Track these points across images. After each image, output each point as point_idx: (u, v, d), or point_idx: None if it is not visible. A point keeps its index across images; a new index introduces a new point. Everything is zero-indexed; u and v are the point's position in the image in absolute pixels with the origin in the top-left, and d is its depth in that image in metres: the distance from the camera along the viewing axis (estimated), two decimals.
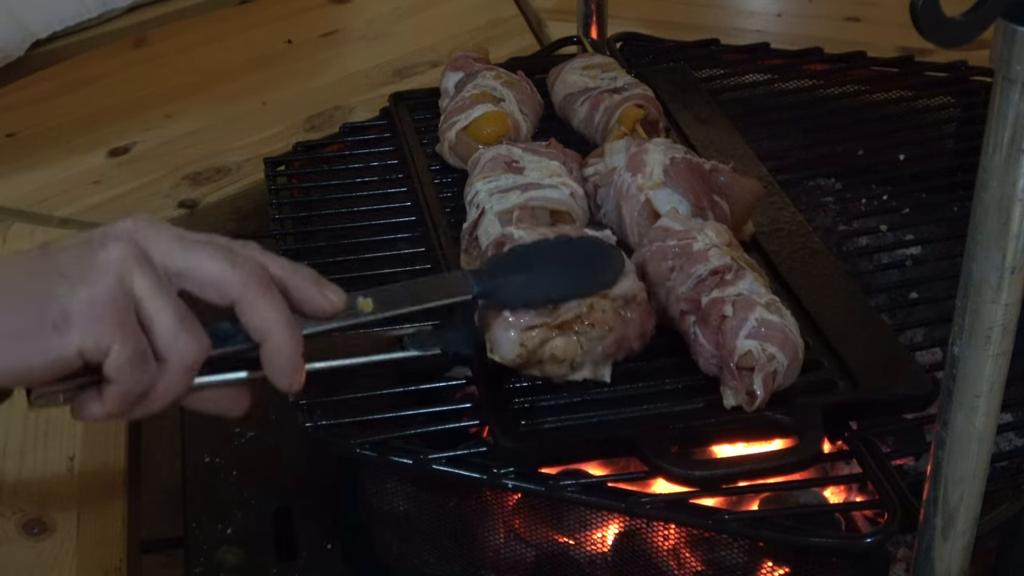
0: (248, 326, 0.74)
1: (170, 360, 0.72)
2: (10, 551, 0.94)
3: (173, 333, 0.71)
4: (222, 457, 1.10)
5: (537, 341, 0.85)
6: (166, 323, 0.71)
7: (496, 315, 0.85)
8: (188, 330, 0.72)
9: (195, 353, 0.72)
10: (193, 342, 0.72)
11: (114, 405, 0.72)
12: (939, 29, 0.59)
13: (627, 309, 0.87)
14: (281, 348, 0.74)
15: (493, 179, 1.01)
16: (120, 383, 0.71)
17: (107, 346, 0.69)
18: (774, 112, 1.31)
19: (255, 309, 0.74)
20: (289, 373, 0.75)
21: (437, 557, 0.95)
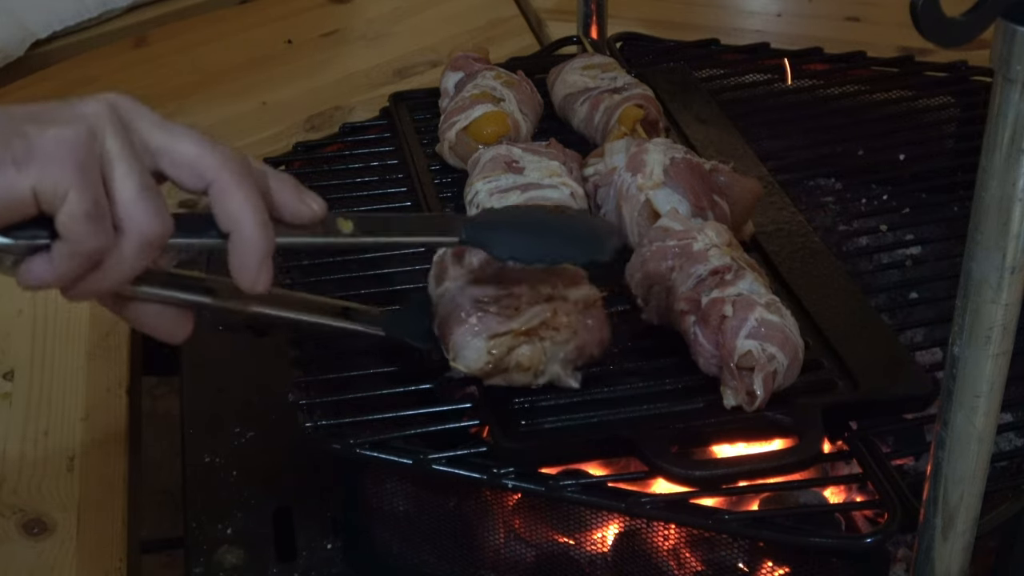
0: (219, 214, 0.70)
1: (129, 231, 0.68)
2: (10, 551, 0.94)
3: (135, 200, 0.67)
4: (222, 457, 1.10)
5: (504, 349, 0.83)
6: (130, 188, 0.67)
7: (459, 321, 0.84)
8: (152, 201, 0.68)
9: (156, 228, 0.68)
10: (156, 216, 0.68)
11: (63, 266, 0.68)
12: (939, 29, 0.59)
13: (586, 315, 0.87)
14: (251, 240, 0.71)
15: (493, 179, 1.01)
16: (72, 239, 0.67)
17: (64, 191, 0.65)
18: (774, 112, 1.31)
19: (229, 195, 0.70)
20: (255, 269, 0.71)
21: (437, 557, 0.95)
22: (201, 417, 1.14)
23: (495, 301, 0.85)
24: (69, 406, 1.08)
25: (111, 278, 0.69)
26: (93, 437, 1.05)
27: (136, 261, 0.69)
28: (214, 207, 0.71)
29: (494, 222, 0.84)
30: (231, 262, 0.72)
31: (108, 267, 0.69)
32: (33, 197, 0.66)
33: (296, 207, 0.74)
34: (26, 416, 1.07)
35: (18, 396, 1.09)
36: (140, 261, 0.69)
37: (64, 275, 0.68)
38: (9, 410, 1.08)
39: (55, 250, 0.67)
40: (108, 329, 1.17)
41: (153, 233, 0.68)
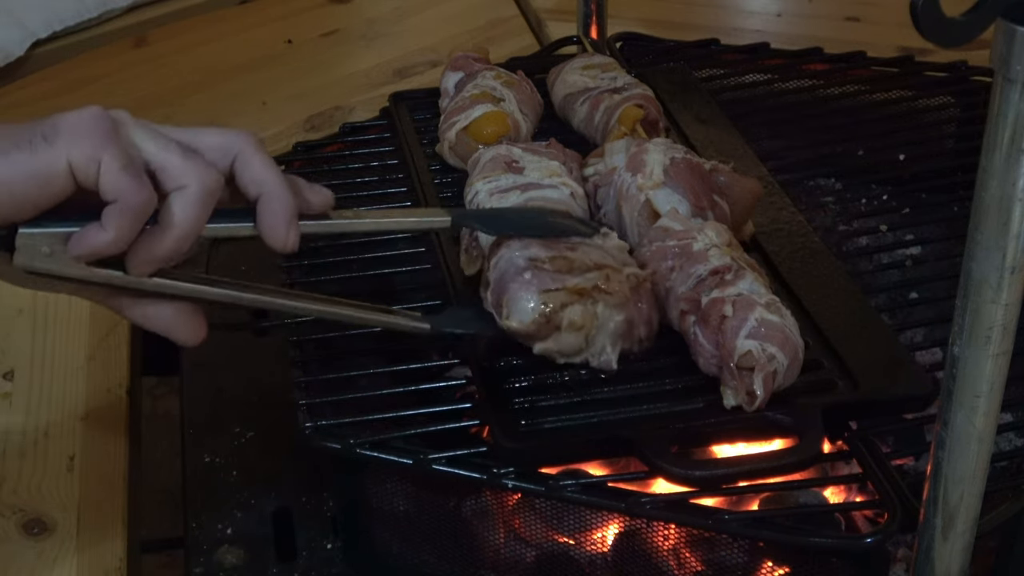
0: (247, 181, 0.75)
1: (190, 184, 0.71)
2: (10, 551, 0.94)
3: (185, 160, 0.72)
4: (222, 457, 1.10)
5: (557, 304, 0.84)
6: (176, 153, 0.72)
7: (513, 278, 0.86)
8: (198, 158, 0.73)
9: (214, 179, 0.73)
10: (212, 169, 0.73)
11: (116, 227, 0.70)
12: (939, 29, 0.59)
13: (637, 291, 0.87)
14: (278, 196, 0.75)
15: (493, 179, 1.01)
16: (120, 197, 0.69)
17: (98, 157, 0.68)
18: (774, 112, 1.31)
19: (253, 162, 0.75)
20: (285, 226, 0.76)
21: (437, 557, 0.95)
22: (201, 417, 1.14)
23: (550, 261, 0.86)
24: (69, 406, 1.08)
25: (176, 236, 0.72)
26: (93, 437, 1.05)
27: (198, 213, 0.72)
28: (241, 177, 0.75)
29: (474, 212, 0.95)
30: (262, 225, 0.76)
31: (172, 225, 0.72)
32: (69, 170, 0.68)
33: (309, 194, 0.79)
34: (26, 416, 1.07)
35: (18, 396, 1.09)
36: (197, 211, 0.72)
37: (120, 237, 0.71)
38: (9, 410, 1.08)
39: (106, 215, 0.70)
40: (108, 329, 1.17)
41: (213, 182, 0.73)
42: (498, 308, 0.87)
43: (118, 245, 0.71)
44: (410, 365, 0.96)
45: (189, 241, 0.73)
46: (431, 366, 0.97)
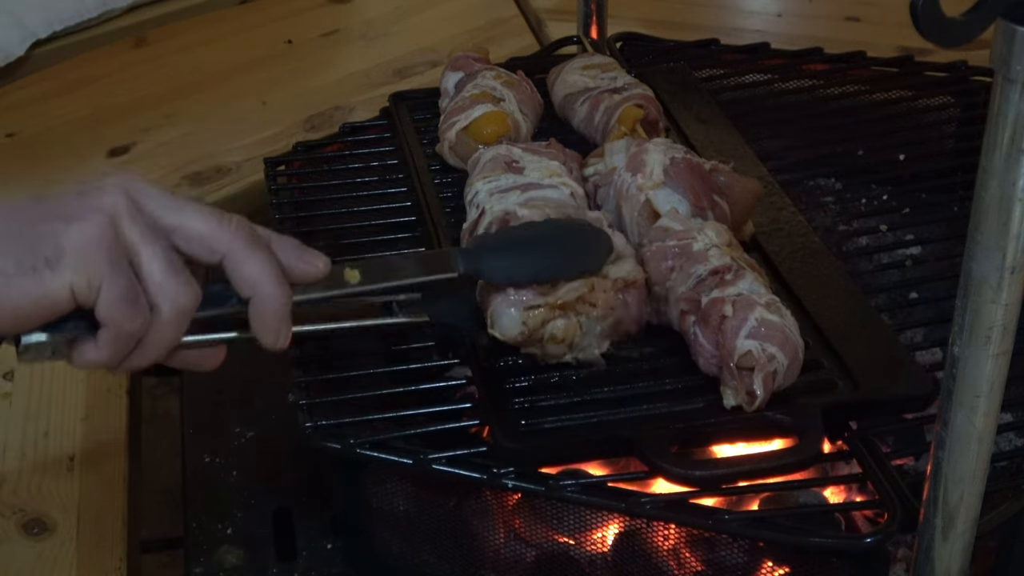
0: (237, 281, 0.75)
1: (163, 305, 0.72)
2: (10, 551, 0.94)
3: (165, 277, 0.72)
4: (222, 457, 1.10)
5: (539, 321, 0.85)
6: (158, 268, 0.72)
7: (498, 292, 0.86)
8: (181, 275, 0.73)
9: (189, 299, 0.73)
10: (186, 287, 0.73)
11: (109, 349, 0.72)
12: (939, 29, 0.59)
13: (626, 292, 0.88)
14: (269, 301, 0.76)
15: (493, 179, 1.01)
16: (113, 324, 0.71)
17: (98, 283, 0.70)
18: (774, 112, 1.31)
19: (244, 263, 0.75)
20: (276, 328, 0.77)
21: (437, 557, 0.95)
22: (201, 417, 1.14)
23: None
24: (69, 406, 1.08)
25: (154, 350, 0.74)
26: (93, 437, 1.05)
27: (174, 332, 0.74)
28: (231, 276, 0.75)
29: (485, 248, 0.88)
30: (253, 323, 0.77)
31: (149, 342, 0.74)
32: (71, 294, 0.70)
33: (301, 268, 0.78)
34: (26, 416, 1.07)
35: (18, 396, 1.09)
36: (178, 331, 0.74)
37: (112, 357, 0.73)
38: (9, 410, 1.08)
39: (100, 336, 0.72)
40: None
41: (187, 304, 0.73)
42: (485, 314, 0.88)
43: (112, 363, 0.74)
44: (410, 365, 0.96)
45: (166, 353, 0.75)
46: (431, 366, 0.97)
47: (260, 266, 0.75)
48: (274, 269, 0.76)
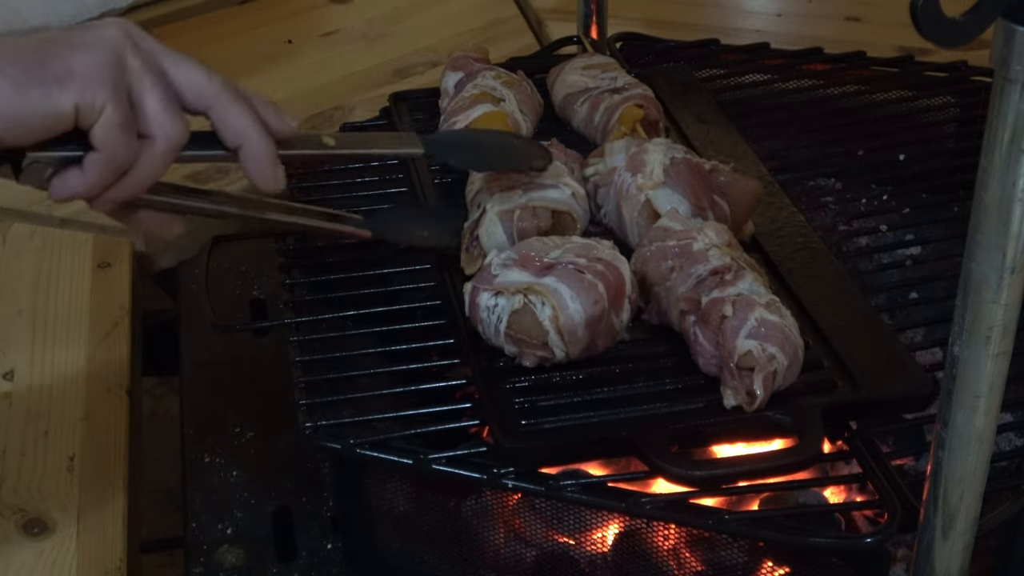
0: (224, 131, 0.81)
1: (156, 137, 0.77)
2: (10, 551, 0.94)
3: (160, 110, 0.76)
4: (222, 457, 1.10)
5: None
6: (155, 99, 0.76)
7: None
8: (174, 111, 0.77)
9: (180, 134, 0.78)
10: (180, 122, 0.78)
11: (95, 175, 0.76)
12: (939, 29, 0.59)
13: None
14: (260, 144, 0.81)
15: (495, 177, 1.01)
16: (107, 148, 0.75)
17: (101, 105, 0.74)
18: (774, 112, 1.31)
19: (230, 113, 0.81)
20: (271, 172, 0.82)
21: (437, 557, 0.95)
22: (201, 417, 1.14)
23: None
24: (69, 406, 1.08)
25: (137, 184, 0.78)
26: (93, 437, 1.05)
27: (161, 166, 0.78)
28: (219, 125, 0.81)
29: (449, 141, 1.04)
30: (248, 170, 0.82)
31: (135, 173, 0.78)
32: (74, 113, 0.74)
33: (278, 125, 0.84)
34: (26, 416, 1.07)
35: (18, 396, 1.09)
36: (165, 165, 0.78)
37: (96, 184, 0.77)
38: (9, 410, 1.08)
39: (88, 161, 0.76)
40: (108, 329, 1.17)
41: (177, 139, 0.78)
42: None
43: (94, 192, 0.78)
44: (410, 365, 0.96)
45: (148, 186, 0.79)
46: (431, 366, 0.97)
47: (244, 115, 0.81)
48: (257, 119, 0.81)
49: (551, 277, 0.88)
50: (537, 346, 0.88)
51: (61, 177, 0.77)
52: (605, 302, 0.88)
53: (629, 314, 0.91)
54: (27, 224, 1.32)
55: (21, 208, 1.33)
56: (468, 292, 0.91)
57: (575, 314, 0.87)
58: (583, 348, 0.89)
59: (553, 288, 0.88)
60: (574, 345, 0.88)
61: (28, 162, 0.76)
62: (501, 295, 0.89)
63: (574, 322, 0.87)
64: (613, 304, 0.89)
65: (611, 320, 0.89)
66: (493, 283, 0.89)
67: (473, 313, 0.90)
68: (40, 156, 0.76)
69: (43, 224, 1.32)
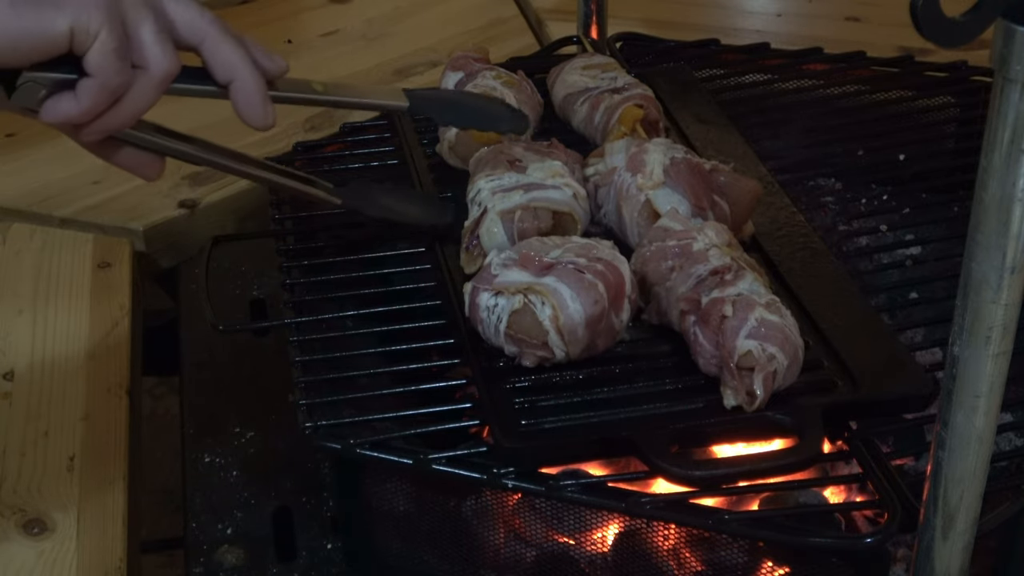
0: (215, 67, 0.81)
1: (149, 68, 0.77)
2: (10, 551, 0.94)
3: (154, 41, 0.77)
4: (222, 457, 1.10)
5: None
6: (149, 31, 0.76)
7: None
8: (167, 43, 0.78)
9: (172, 65, 0.78)
10: (172, 55, 0.78)
11: (88, 101, 0.76)
12: (939, 29, 0.59)
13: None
14: (250, 80, 0.82)
15: (495, 177, 1.01)
16: (101, 74, 0.75)
17: (96, 30, 0.74)
18: (774, 112, 1.31)
19: (221, 49, 0.81)
20: (261, 105, 0.83)
21: (437, 557, 0.95)
22: (201, 417, 1.14)
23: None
24: (69, 406, 1.08)
25: (128, 112, 0.78)
26: (93, 437, 1.05)
27: (152, 96, 0.78)
28: (210, 60, 0.81)
29: (433, 97, 1.07)
30: (238, 106, 0.83)
31: (127, 102, 0.77)
32: (69, 35, 0.73)
33: (267, 64, 0.84)
34: (26, 416, 1.07)
35: (18, 396, 1.09)
36: (156, 96, 0.79)
37: (88, 110, 0.77)
38: (9, 410, 1.08)
39: (81, 86, 0.76)
40: (108, 329, 1.17)
41: (170, 69, 0.78)
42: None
43: (86, 118, 0.77)
44: (410, 365, 0.96)
45: (138, 117, 0.79)
46: (431, 366, 0.97)
47: (236, 52, 0.81)
48: (247, 57, 0.82)
49: (551, 277, 0.88)
50: (537, 346, 0.88)
51: (54, 100, 0.77)
52: (605, 302, 0.88)
53: (629, 314, 0.91)
54: (27, 224, 1.32)
55: (21, 208, 1.33)
56: (468, 292, 0.91)
57: (575, 314, 0.87)
58: (583, 348, 0.89)
59: (553, 288, 0.88)
60: (574, 345, 0.88)
61: (23, 81, 0.76)
62: (501, 295, 0.89)
63: (574, 322, 0.87)
64: (613, 304, 0.89)
65: (611, 320, 0.89)
66: (493, 283, 0.89)
67: (473, 313, 0.90)
68: (36, 76, 0.76)
69: (43, 224, 1.32)
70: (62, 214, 1.32)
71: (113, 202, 1.33)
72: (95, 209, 1.32)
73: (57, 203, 1.33)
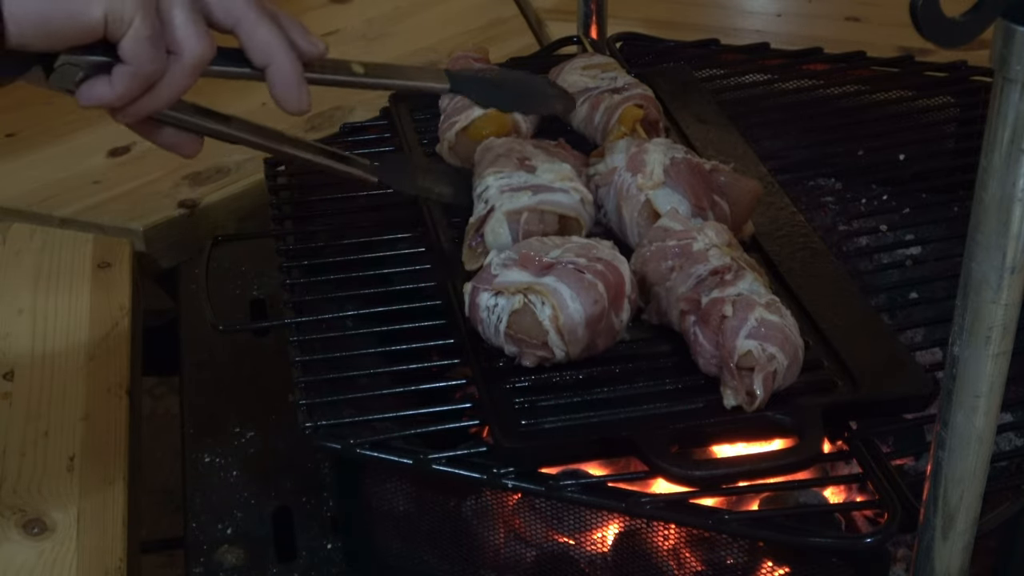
0: (251, 50, 0.80)
1: (183, 54, 0.77)
2: (10, 551, 0.94)
3: (188, 25, 0.76)
4: (222, 457, 1.10)
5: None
6: (182, 15, 0.76)
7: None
8: (201, 27, 0.77)
9: (207, 50, 0.77)
10: (206, 39, 0.77)
11: (123, 87, 0.76)
12: (939, 29, 0.59)
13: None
14: (286, 64, 0.81)
15: (504, 175, 1.01)
16: (135, 61, 0.75)
17: (130, 17, 0.74)
18: (774, 112, 1.31)
19: (258, 32, 0.80)
20: (296, 89, 0.82)
21: (437, 557, 0.95)
22: (201, 417, 1.14)
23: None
24: (69, 406, 1.08)
25: (164, 97, 0.78)
26: (93, 437, 1.05)
27: (187, 81, 0.78)
28: (246, 43, 0.80)
29: (474, 78, 1.03)
30: (274, 90, 0.82)
31: (161, 87, 0.77)
32: (103, 22, 0.73)
33: (306, 46, 0.84)
34: (26, 416, 1.07)
35: (18, 396, 1.09)
36: (190, 81, 0.78)
37: (123, 95, 0.76)
38: (9, 410, 1.08)
39: (116, 72, 0.76)
40: (108, 329, 1.17)
41: (203, 54, 0.77)
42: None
43: (120, 103, 0.77)
44: (410, 365, 0.96)
45: (174, 102, 0.79)
46: (431, 366, 0.97)
47: (272, 34, 0.80)
48: (285, 39, 0.81)
49: (551, 277, 0.88)
50: (537, 346, 0.88)
51: (89, 84, 0.77)
52: (605, 302, 0.88)
53: (629, 314, 0.91)
54: (27, 224, 1.32)
55: (21, 208, 1.33)
56: (468, 292, 0.91)
57: (575, 314, 0.87)
58: (583, 348, 0.89)
59: (553, 288, 0.88)
60: (574, 345, 0.88)
61: (60, 63, 0.76)
62: (501, 295, 0.89)
63: (574, 322, 0.87)
64: (613, 304, 0.89)
65: (611, 320, 0.89)
66: (493, 283, 0.89)
67: (473, 313, 0.90)
68: (73, 59, 0.76)
69: (43, 224, 1.32)
70: (62, 214, 1.32)
71: (113, 202, 1.34)
72: (95, 209, 1.32)
73: (57, 203, 1.33)
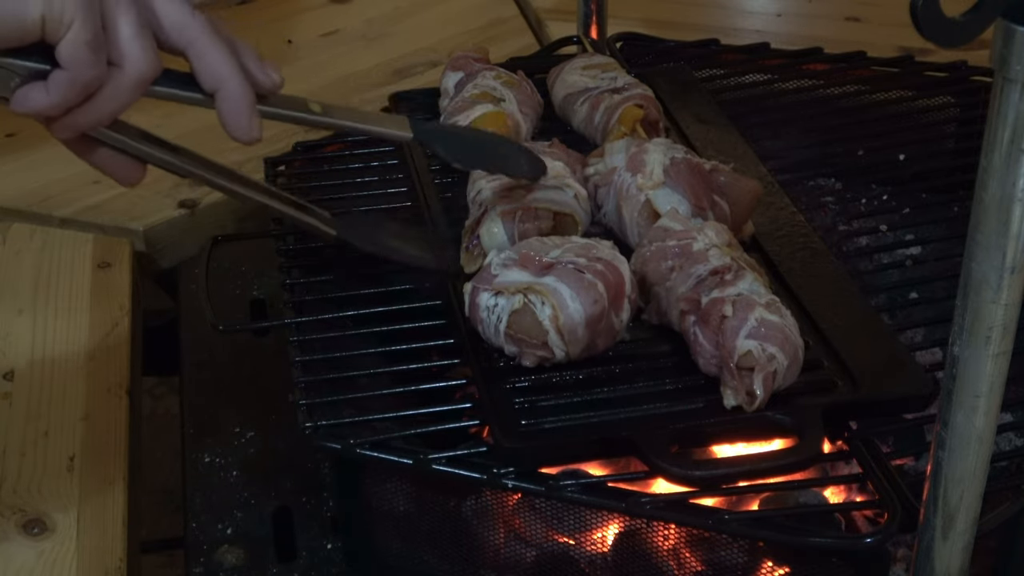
0: (201, 72, 0.77)
1: (125, 66, 0.73)
2: (10, 551, 0.94)
3: (133, 38, 0.73)
4: (222, 457, 1.10)
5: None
6: (128, 26, 0.73)
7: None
8: (147, 40, 0.74)
9: (149, 67, 0.74)
10: (151, 54, 0.74)
11: (58, 94, 0.73)
12: (939, 29, 0.59)
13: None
14: (237, 91, 0.78)
15: (497, 177, 1.01)
16: (73, 66, 0.71)
17: (70, 20, 0.70)
18: (774, 112, 1.31)
19: (209, 55, 0.77)
20: (246, 118, 0.79)
21: (437, 557, 0.95)
22: (201, 417, 1.14)
23: None
24: (69, 406, 1.08)
25: (102, 111, 0.74)
26: (93, 437, 1.05)
27: (128, 96, 0.74)
28: (197, 66, 0.77)
29: (440, 129, 1.00)
30: (223, 117, 0.78)
31: (100, 100, 0.74)
32: (41, 23, 0.70)
33: (260, 76, 0.81)
34: (26, 416, 1.07)
35: (18, 396, 1.09)
36: (131, 97, 0.75)
37: (58, 103, 0.73)
38: (9, 410, 1.08)
39: (52, 79, 0.72)
40: (108, 329, 1.17)
41: (147, 70, 0.74)
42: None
43: (56, 112, 0.74)
44: (410, 365, 0.96)
45: (114, 117, 0.76)
46: (431, 366, 0.97)
47: (224, 59, 0.77)
48: (237, 65, 0.78)
49: (551, 277, 0.88)
50: (537, 346, 0.88)
51: (25, 89, 0.73)
52: (605, 302, 0.88)
53: (629, 314, 0.91)
54: (27, 224, 1.32)
55: (21, 208, 1.33)
56: (468, 292, 0.91)
57: (575, 314, 0.87)
58: (583, 348, 0.89)
59: (553, 288, 0.88)
60: (574, 345, 0.88)
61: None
62: (501, 295, 0.89)
63: (574, 322, 0.87)
64: (613, 304, 0.89)
65: (611, 320, 0.89)
66: (493, 283, 0.89)
67: (473, 313, 0.90)
68: (7, 63, 0.73)
69: (43, 224, 1.32)
70: (62, 214, 1.32)
71: (113, 202, 1.33)
72: (95, 209, 1.32)
73: (57, 203, 1.33)
